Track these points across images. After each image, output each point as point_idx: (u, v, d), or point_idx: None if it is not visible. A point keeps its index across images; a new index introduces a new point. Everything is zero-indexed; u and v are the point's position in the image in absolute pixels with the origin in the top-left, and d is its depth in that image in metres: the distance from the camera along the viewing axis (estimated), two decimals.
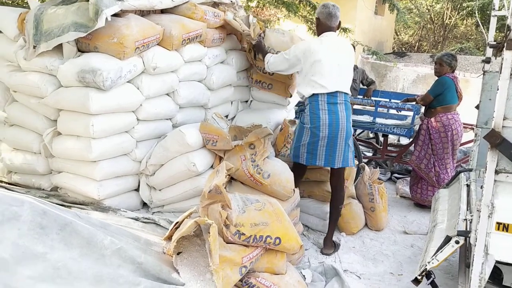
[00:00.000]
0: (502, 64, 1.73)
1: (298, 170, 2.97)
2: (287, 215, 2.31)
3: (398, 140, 5.75)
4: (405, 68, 10.03)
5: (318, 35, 2.94)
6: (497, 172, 1.78)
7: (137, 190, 2.99)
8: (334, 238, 3.28)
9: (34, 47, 2.61)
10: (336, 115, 2.78)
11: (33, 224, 1.67)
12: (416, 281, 2.10)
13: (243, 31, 3.25)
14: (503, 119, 1.74)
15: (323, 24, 2.89)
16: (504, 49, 1.71)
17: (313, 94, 2.78)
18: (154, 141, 2.94)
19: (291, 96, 3.59)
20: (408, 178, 4.57)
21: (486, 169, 1.79)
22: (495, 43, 2.78)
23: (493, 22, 2.93)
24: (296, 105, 4.01)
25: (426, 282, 2.10)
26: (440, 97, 3.90)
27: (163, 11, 3.04)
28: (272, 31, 3.52)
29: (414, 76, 9.73)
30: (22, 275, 1.50)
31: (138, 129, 2.83)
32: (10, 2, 4.47)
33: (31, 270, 1.54)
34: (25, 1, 4.28)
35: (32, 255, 1.59)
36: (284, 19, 8.46)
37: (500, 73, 1.72)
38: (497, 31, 3.77)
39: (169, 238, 2.11)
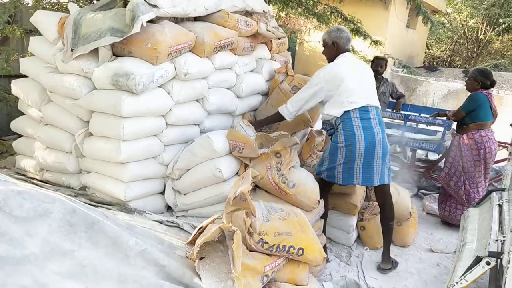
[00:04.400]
0: None
1: (325, 185, 2.91)
2: (311, 226, 2.28)
3: (426, 156, 5.62)
4: (436, 82, 9.83)
5: (331, 59, 2.92)
6: None
7: (162, 193, 3.03)
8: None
9: (72, 50, 2.70)
10: (371, 130, 2.72)
11: (63, 222, 1.71)
12: None
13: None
14: None
15: (341, 48, 2.88)
16: None
17: (345, 112, 2.73)
18: (181, 145, 2.98)
19: (312, 127, 3.49)
20: (436, 195, 4.46)
21: None
22: None
23: None
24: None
25: None
26: (473, 114, 3.80)
27: (196, 19, 3.10)
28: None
29: (445, 91, 9.52)
30: (50, 271, 1.54)
31: (166, 133, 2.87)
32: (50, 7, 4.64)
33: (59, 266, 1.58)
34: (65, 6, 4.44)
35: (61, 252, 1.62)
36: (314, 30, 8.45)
37: None
38: None
39: (192, 242, 2.12)
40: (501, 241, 2.12)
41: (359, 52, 7.40)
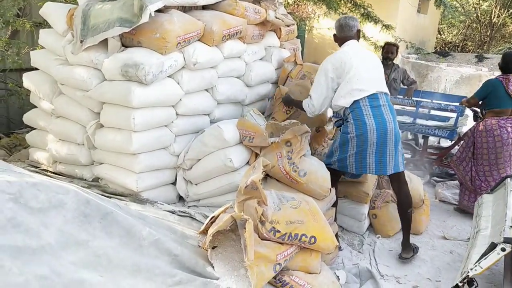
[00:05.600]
0: None
1: (334, 174, 2.87)
2: (323, 214, 2.28)
3: (438, 142, 5.56)
4: (448, 68, 9.66)
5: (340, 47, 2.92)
6: None
7: (174, 183, 3.04)
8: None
9: (81, 41, 2.71)
10: (382, 118, 2.67)
11: (77, 212, 1.73)
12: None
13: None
14: None
15: (342, 37, 2.88)
16: None
17: (354, 102, 2.68)
18: (192, 136, 2.98)
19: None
20: (448, 182, 4.42)
21: None
22: None
23: None
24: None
25: None
26: (486, 101, 3.73)
27: (204, 7, 3.08)
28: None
29: (457, 77, 9.35)
30: (65, 260, 1.56)
31: (177, 124, 2.88)
32: None
33: (74, 256, 1.60)
34: None
35: (76, 242, 1.64)
36: (323, 17, 8.33)
37: None
38: None
39: (205, 232, 2.13)
40: None
41: (370, 38, 7.28)
